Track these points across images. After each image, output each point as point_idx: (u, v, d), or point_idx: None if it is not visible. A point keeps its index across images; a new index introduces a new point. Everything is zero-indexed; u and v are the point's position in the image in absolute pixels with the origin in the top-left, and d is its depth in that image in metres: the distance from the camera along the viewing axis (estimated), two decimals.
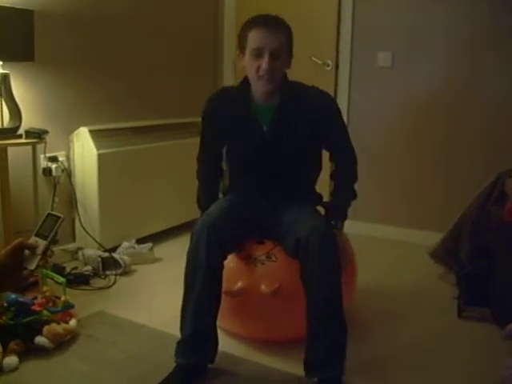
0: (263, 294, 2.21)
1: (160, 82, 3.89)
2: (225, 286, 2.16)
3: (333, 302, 2.03)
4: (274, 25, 2.09)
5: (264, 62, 2.08)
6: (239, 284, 2.25)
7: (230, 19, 4.35)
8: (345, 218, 2.35)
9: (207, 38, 4.32)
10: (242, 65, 2.22)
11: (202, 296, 2.06)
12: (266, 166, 2.30)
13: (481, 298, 2.58)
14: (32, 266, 1.27)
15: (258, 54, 2.09)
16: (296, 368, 2.08)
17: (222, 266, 2.11)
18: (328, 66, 3.98)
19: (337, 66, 3.97)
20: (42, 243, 1.29)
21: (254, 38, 2.09)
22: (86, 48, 3.32)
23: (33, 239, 1.30)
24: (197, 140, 2.44)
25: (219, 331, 2.16)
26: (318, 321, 2.03)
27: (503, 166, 2.76)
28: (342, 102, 3.89)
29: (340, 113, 2.35)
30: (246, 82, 2.25)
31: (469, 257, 2.69)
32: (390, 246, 3.69)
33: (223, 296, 2.14)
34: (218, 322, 2.15)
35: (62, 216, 1.32)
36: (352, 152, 2.36)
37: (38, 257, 1.27)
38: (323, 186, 2.58)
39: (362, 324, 2.51)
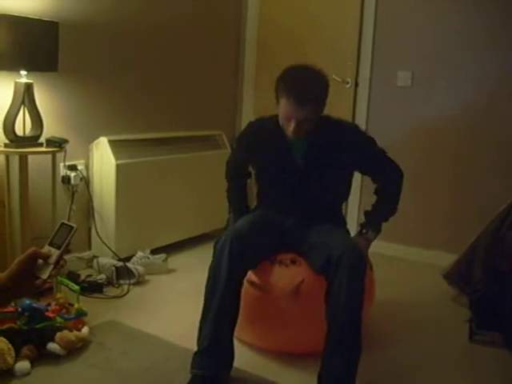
0: (282, 296, 2.24)
1: (181, 94, 3.93)
2: (248, 276, 2.25)
3: (354, 324, 2.05)
4: (304, 97, 2.14)
5: (291, 127, 2.19)
6: (261, 279, 2.30)
7: (251, 37, 4.39)
8: (379, 231, 2.44)
9: (229, 54, 4.36)
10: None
11: (220, 308, 2.09)
12: (296, 193, 2.40)
13: (493, 322, 2.56)
14: (44, 276, 1.25)
15: (287, 118, 2.20)
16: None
17: (242, 280, 2.16)
18: (347, 83, 4.00)
19: (356, 84, 3.99)
20: (54, 253, 1.27)
21: (285, 106, 2.17)
22: (108, 59, 3.37)
23: (46, 248, 1.28)
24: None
25: (235, 342, 2.18)
26: (337, 341, 2.04)
27: None
28: (360, 120, 3.90)
29: (371, 140, 2.45)
30: None
31: (482, 281, 2.68)
32: (402, 265, 3.67)
33: (241, 305, 2.16)
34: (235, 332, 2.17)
35: (75, 226, 1.30)
36: (395, 168, 2.48)
37: (51, 266, 1.26)
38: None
39: (373, 341, 2.50)
